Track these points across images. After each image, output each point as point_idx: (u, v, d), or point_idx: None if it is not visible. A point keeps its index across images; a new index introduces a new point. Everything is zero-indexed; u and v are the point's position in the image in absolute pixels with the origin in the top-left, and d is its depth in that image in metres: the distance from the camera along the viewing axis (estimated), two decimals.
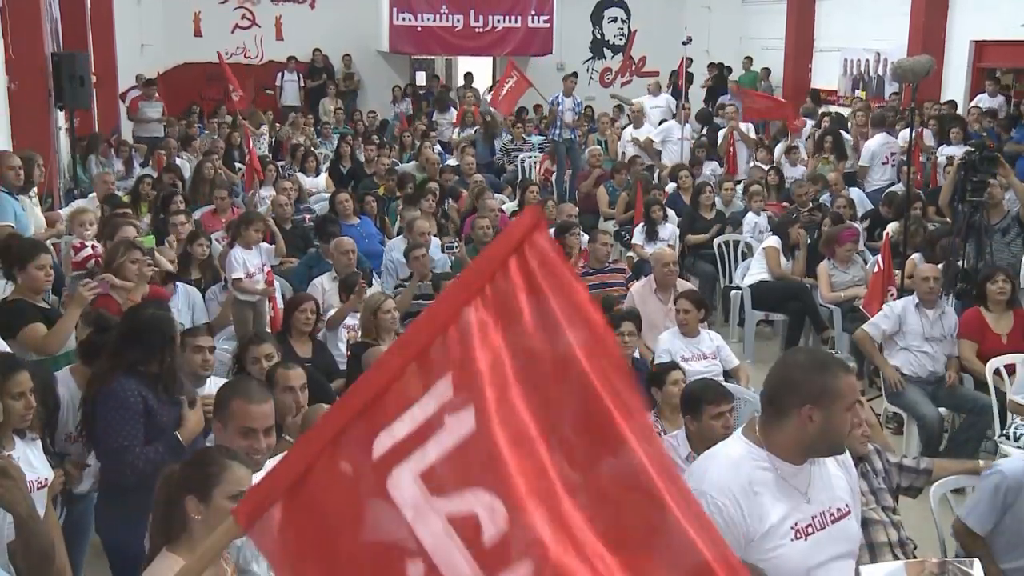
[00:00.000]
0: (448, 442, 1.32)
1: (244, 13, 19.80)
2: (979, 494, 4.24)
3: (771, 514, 2.78)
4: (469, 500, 1.31)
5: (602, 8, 21.64)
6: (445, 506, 1.31)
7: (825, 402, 2.81)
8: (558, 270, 1.38)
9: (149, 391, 4.32)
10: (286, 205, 9.83)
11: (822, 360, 3.02)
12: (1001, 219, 7.68)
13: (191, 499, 3.05)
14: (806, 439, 2.84)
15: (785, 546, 2.78)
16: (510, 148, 15.43)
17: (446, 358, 1.34)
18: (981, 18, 14.70)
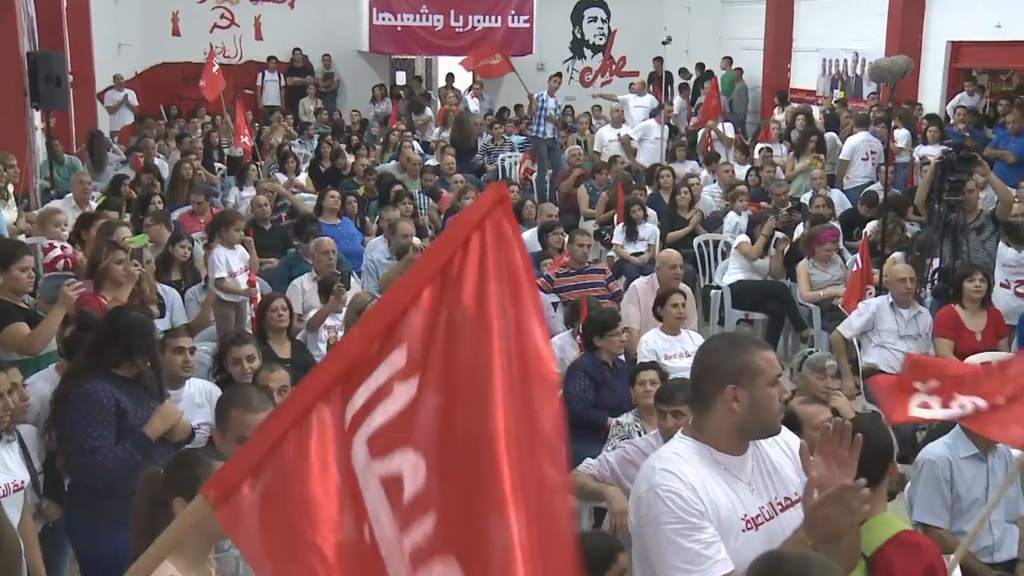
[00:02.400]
0: (392, 408, 1.44)
1: (223, 13, 19.72)
2: (925, 492, 4.47)
3: (720, 503, 2.74)
4: (398, 460, 1.43)
5: (582, 8, 21.67)
6: (380, 468, 1.43)
7: (745, 380, 2.78)
8: (508, 250, 1.48)
9: (123, 394, 4.29)
10: (265, 205, 9.80)
11: (735, 340, 3.05)
12: (976, 218, 7.74)
13: (179, 501, 3.04)
14: (737, 421, 2.80)
15: (738, 538, 2.74)
16: (490, 148, 15.44)
17: (404, 331, 1.44)
18: (957, 19, 14.82)
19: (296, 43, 19.62)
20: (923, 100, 15.15)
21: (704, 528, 2.70)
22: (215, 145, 14.76)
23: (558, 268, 8.39)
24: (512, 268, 1.49)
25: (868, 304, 7.24)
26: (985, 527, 4.64)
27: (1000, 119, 13.14)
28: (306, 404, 1.50)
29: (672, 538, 2.69)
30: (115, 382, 4.31)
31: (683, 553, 2.67)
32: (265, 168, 13.38)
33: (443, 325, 1.46)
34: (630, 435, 5.34)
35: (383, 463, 1.46)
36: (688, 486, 2.74)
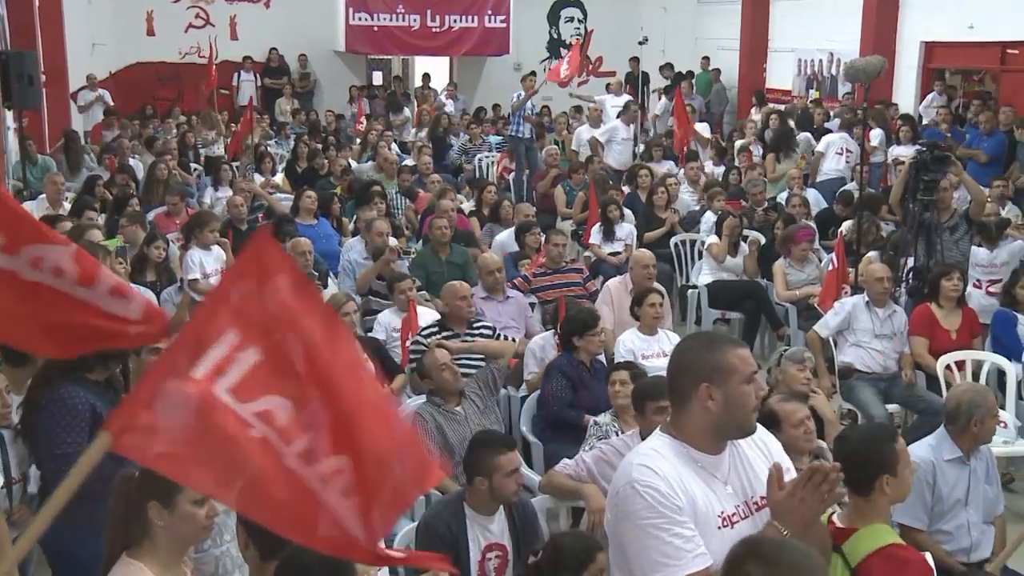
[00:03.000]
0: (242, 369, 1.92)
1: (198, 12, 19.63)
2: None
3: (697, 499, 2.74)
4: (263, 402, 1.92)
5: (558, 8, 21.71)
6: (251, 407, 1.92)
7: (720, 378, 2.78)
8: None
9: (97, 398, 4.26)
10: (242, 206, 9.76)
11: (710, 338, 3.04)
12: (950, 217, 7.80)
13: (154, 505, 3.02)
14: (712, 420, 2.79)
15: (714, 536, 2.74)
16: (468, 148, 15.43)
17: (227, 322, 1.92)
18: (930, 20, 14.94)
19: (272, 43, 19.55)
20: (897, 100, 15.26)
21: (683, 522, 2.70)
22: (191, 145, 14.69)
23: (535, 268, 8.39)
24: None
25: (844, 303, 7.28)
26: (963, 528, 4.67)
27: (972, 119, 13.25)
28: (174, 360, 1.94)
29: (651, 532, 2.69)
30: (88, 387, 4.27)
31: (663, 547, 2.67)
32: (242, 168, 13.34)
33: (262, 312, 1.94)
34: (607, 435, 5.34)
35: (253, 404, 1.92)
36: (666, 481, 2.73)
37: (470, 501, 4.34)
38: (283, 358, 1.94)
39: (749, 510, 2.83)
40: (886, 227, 9.78)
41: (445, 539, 4.19)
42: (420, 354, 6.09)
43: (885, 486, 3.46)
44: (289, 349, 1.95)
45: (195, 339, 1.94)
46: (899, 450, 3.55)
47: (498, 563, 4.32)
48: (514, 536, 4.36)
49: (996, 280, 8.17)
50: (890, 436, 3.62)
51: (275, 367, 1.94)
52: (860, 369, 7.03)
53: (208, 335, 1.93)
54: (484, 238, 10.11)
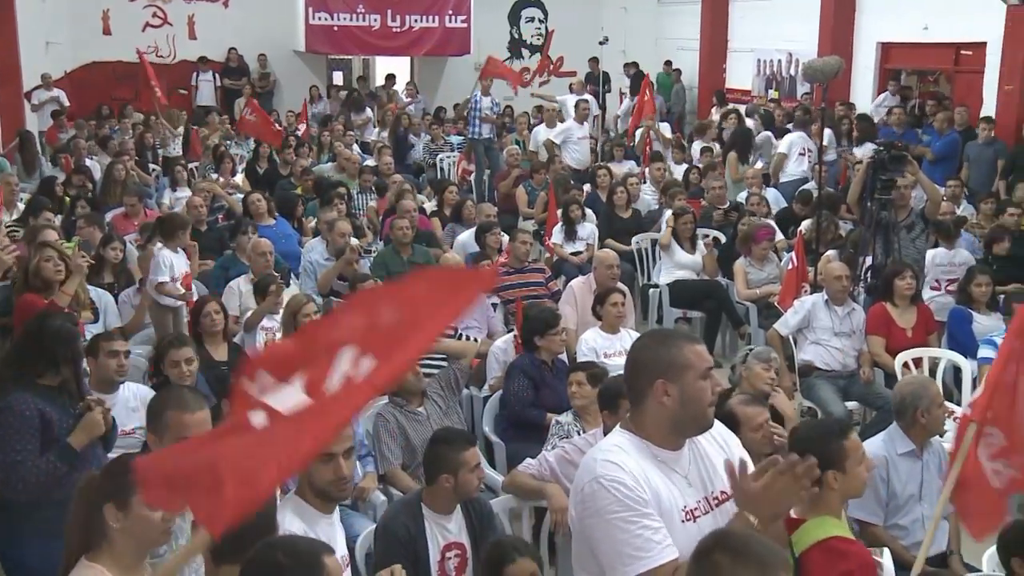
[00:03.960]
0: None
1: (155, 11, 19.41)
2: None
3: (661, 494, 2.76)
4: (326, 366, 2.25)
5: (519, 8, 21.71)
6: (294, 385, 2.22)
7: (674, 374, 2.80)
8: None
9: (48, 404, 4.21)
10: (201, 207, 9.67)
11: (664, 335, 3.06)
12: (907, 216, 7.89)
13: (110, 507, 2.98)
14: (668, 416, 2.81)
15: (677, 529, 2.75)
16: (432, 148, 15.39)
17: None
18: (886, 21, 15.10)
19: (231, 43, 19.39)
20: (855, 100, 15.41)
21: (650, 515, 2.71)
22: (149, 146, 14.54)
23: (497, 268, 8.38)
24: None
25: (804, 302, 7.34)
26: (918, 523, 4.74)
27: (929, 119, 13.41)
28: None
29: (619, 526, 2.70)
30: (39, 392, 4.22)
31: (632, 540, 2.68)
32: (201, 169, 13.23)
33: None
34: (569, 434, 5.35)
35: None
36: (631, 475, 2.75)
37: (428, 501, 4.32)
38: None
39: (710, 505, 2.86)
40: (844, 226, 9.88)
41: (403, 541, 4.18)
42: None
43: (832, 481, 3.51)
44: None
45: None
46: (848, 447, 3.59)
47: (458, 562, 4.31)
48: (472, 534, 4.36)
49: (954, 279, 8.28)
50: (839, 432, 3.66)
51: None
52: (820, 367, 7.10)
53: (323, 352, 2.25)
54: (446, 238, 10.09)
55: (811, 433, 3.79)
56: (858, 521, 4.68)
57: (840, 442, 3.58)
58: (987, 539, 4.07)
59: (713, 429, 2.99)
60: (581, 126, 14.15)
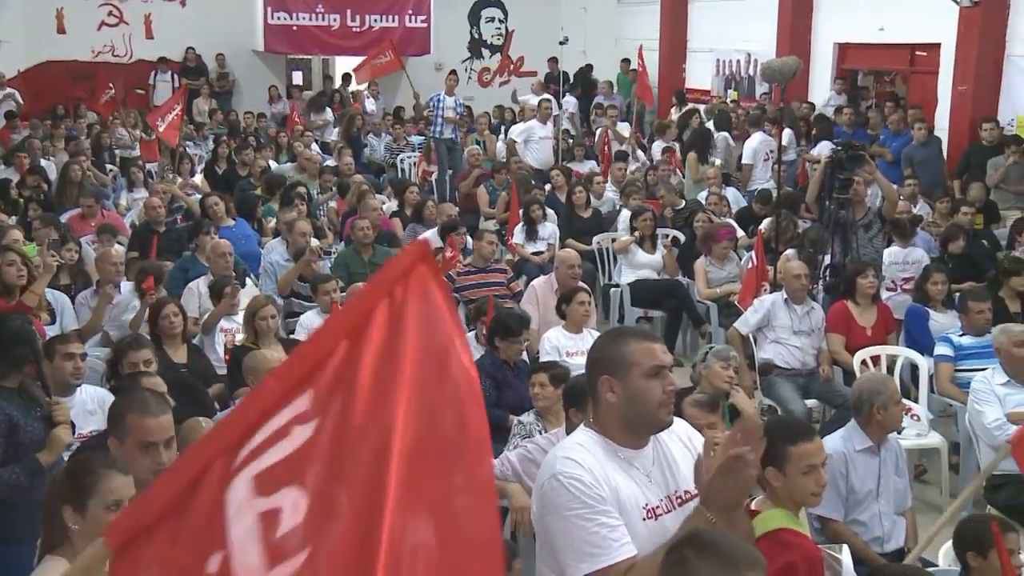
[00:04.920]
0: (287, 449, 1.48)
1: (111, 10, 19.17)
2: None
3: (621, 492, 2.76)
4: (280, 497, 1.47)
5: (479, 8, 21.69)
6: (261, 504, 1.47)
7: (620, 371, 2.80)
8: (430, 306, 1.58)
9: (11, 406, 4.15)
10: (159, 207, 9.58)
11: (616, 332, 3.04)
12: (864, 215, 7.97)
13: (67, 509, 2.97)
14: (617, 413, 2.82)
15: (638, 527, 2.76)
16: (393, 148, 15.35)
17: (312, 379, 1.50)
18: (843, 21, 15.24)
19: (189, 42, 19.20)
20: (813, 100, 15.54)
21: (607, 512, 2.71)
22: (106, 146, 14.37)
23: (459, 267, 8.38)
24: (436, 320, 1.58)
25: (763, 300, 7.40)
26: (876, 518, 4.80)
27: (885, 120, 13.56)
28: (207, 459, 1.53)
29: (576, 523, 2.70)
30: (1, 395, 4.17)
31: (589, 537, 2.69)
32: (160, 170, 13.10)
33: (350, 373, 1.51)
34: (531, 434, 5.35)
35: (266, 500, 1.49)
36: (590, 472, 2.75)
37: None
38: (341, 436, 1.51)
39: (673, 504, 2.86)
40: (803, 225, 9.96)
41: None
42: None
43: (773, 478, 3.54)
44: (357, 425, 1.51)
45: (269, 407, 1.53)
46: (793, 453, 3.54)
47: None
48: None
49: (910, 277, 8.38)
50: (789, 436, 3.60)
51: (322, 450, 1.51)
52: (780, 365, 7.15)
53: (276, 400, 1.53)
54: (407, 238, 10.06)
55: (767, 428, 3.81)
56: (819, 517, 4.73)
57: (785, 445, 3.54)
58: (943, 535, 4.14)
59: (679, 429, 3.00)
60: (543, 126, 14.16)
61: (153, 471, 3.38)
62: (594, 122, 16.92)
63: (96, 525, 2.98)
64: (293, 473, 1.49)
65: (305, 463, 1.49)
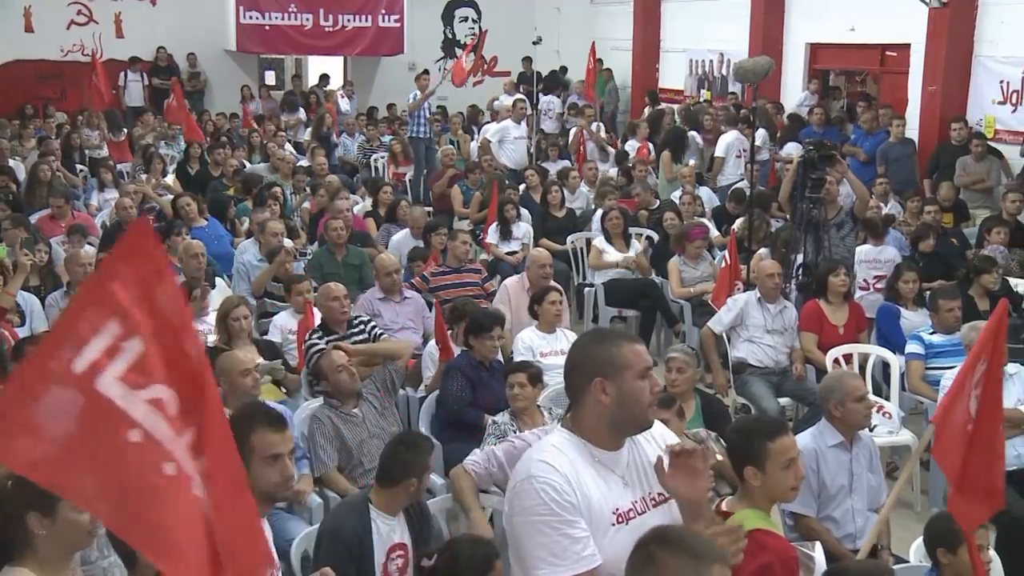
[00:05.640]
0: (131, 357, 1.91)
1: (80, 9, 19.01)
2: None
3: (593, 496, 2.76)
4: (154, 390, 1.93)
5: (452, 8, 21.67)
6: (143, 394, 1.91)
7: (613, 372, 2.80)
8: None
9: None
10: (130, 208, 9.51)
11: (604, 334, 3.06)
12: (836, 214, 8.01)
13: (33, 515, 2.92)
14: (607, 415, 2.82)
15: (607, 533, 2.76)
16: (366, 148, 15.31)
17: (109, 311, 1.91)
18: (815, 22, 15.34)
19: (160, 42, 19.06)
20: (784, 100, 15.64)
21: (574, 522, 2.71)
22: (76, 147, 14.25)
23: (433, 268, 8.37)
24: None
25: (736, 300, 7.43)
26: (849, 515, 4.84)
27: (858, 120, 13.66)
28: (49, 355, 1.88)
29: (541, 529, 2.71)
30: None
31: (551, 545, 2.69)
32: (133, 171, 13.01)
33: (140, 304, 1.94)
34: (506, 434, 5.36)
35: (145, 391, 1.91)
36: (563, 477, 2.75)
37: (379, 503, 4.30)
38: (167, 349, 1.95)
39: (646, 505, 2.86)
40: (776, 224, 10.01)
41: (351, 544, 4.15)
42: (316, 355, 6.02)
43: (752, 477, 3.55)
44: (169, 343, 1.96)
45: (73, 331, 1.89)
46: (772, 448, 3.57)
47: (401, 563, 4.30)
48: (413, 534, 4.36)
49: (882, 276, 8.44)
50: (765, 432, 3.64)
51: (161, 357, 1.94)
52: (753, 364, 7.19)
53: (87, 327, 1.89)
54: (381, 238, 10.04)
55: (740, 427, 3.85)
56: (792, 514, 4.76)
57: (764, 442, 3.57)
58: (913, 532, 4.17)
59: (655, 431, 3.00)
60: (518, 126, 14.17)
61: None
62: (567, 122, 16.95)
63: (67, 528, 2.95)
64: (148, 376, 1.92)
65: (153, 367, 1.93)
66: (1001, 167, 11.61)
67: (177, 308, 2.00)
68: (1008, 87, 12.29)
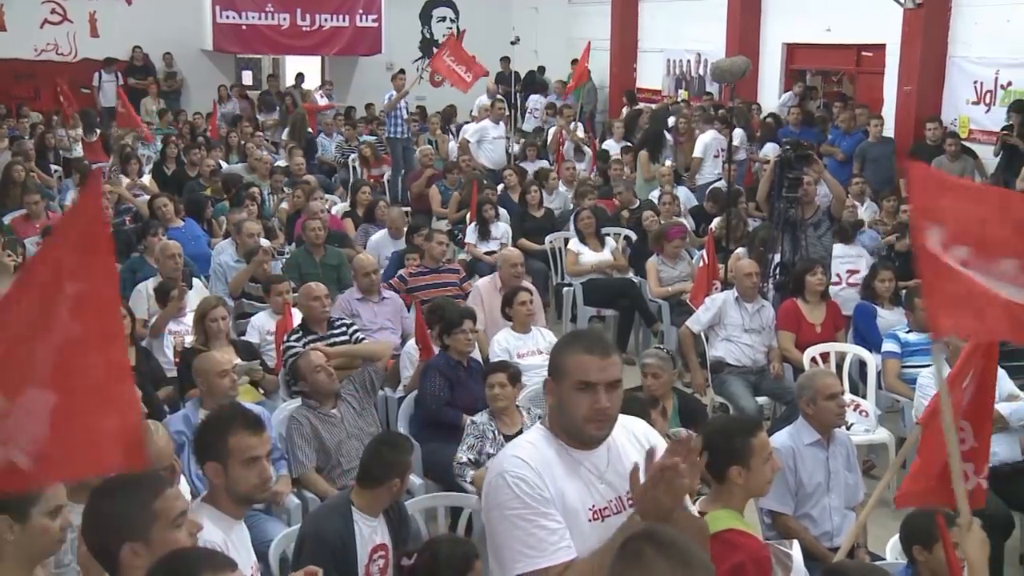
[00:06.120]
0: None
1: (54, 7, 18.85)
2: None
3: (567, 492, 2.76)
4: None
5: (430, 8, 21.65)
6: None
7: (557, 377, 2.82)
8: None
9: None
10: (106, 208, 9.43)
11: (570, 337, 3.02)
12: (813, 214, 8.05)
13: (3, 519, 2.89)
14: (555, 415, 2.85)
15: (583, 529, 2.76)
16: (344, 148, 15.26)
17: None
18: (791, 22, 15.41)
19: (135, 41, 18.93)
20: (761, 100, 15.70)
21: (548, 514, 2.72)
22: (51, 147, 14.14)
23: (411, 268, 8.36)
24: None
25: (714, 299, 7.46)
26: (827, 513, 4.86)
27: (834, 120, 13.73)
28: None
29: (516, 523, 2.71)
30: None
31: (527, 538, 2.69)
32: (110, 172, 12.89)
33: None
34: (484, 434, 5.37)
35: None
36: (536, 472, 2.75)
37: (361, 504, 4.29)
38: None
39: (623, 505, 2.85)
40: (753, 223, 10.05)
41: (335, 547, 4.14)
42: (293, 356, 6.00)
43: (736, 476, 3.58)
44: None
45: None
46: (756, 444, 3.65)
47: (382, 563, 4.31)
48: (392, 535, 4.35)
49: (854, 271, 8.46)
50: (747, 429, 3.72)
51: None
52: (731, 363, 7.22)
53: None
54: (359, 239, 10.01)
55: (720, 428, 3.86)
56: (770, 512, 4.78)
57: (747, 439, 3.64)
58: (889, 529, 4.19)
59: (636, 429, 2.99)
60: (496, 126, 14.17)
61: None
62: (546, 122, 16.96)
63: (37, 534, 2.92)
64: None
65: None
66: (975, 167, 11.70)
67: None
68: (982, 87, 12.38)
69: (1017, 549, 5.54)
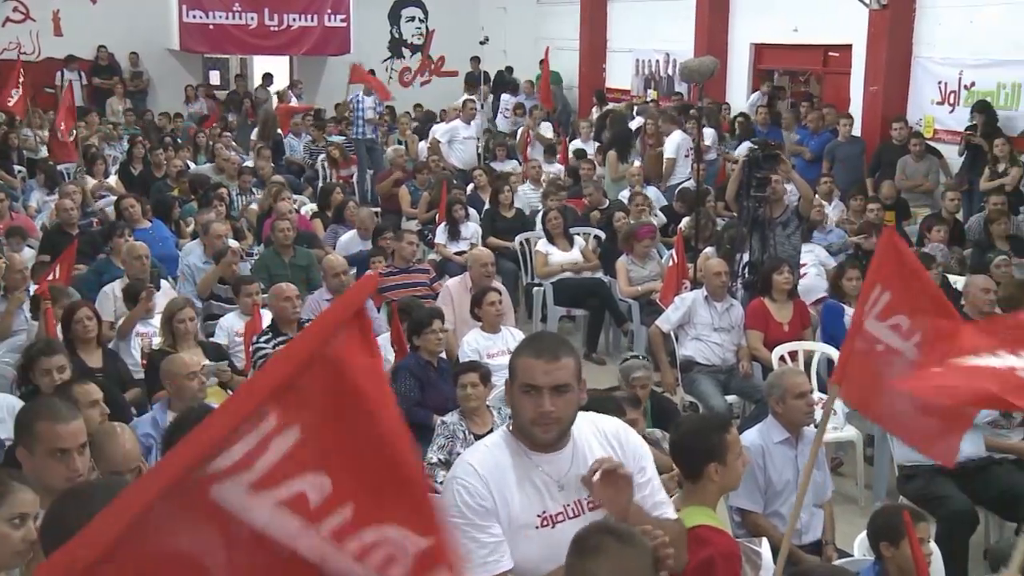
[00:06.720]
0: (273, 457, 1.68)
1: (16, 6, 18.63)
2: None
3: (514, 501, 2.77)
4: (296, 485, 1.69)
5: (399, 8, 21.60)
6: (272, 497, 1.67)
7: (510, 379, 2.84)
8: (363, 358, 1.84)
9: None
10: (72, 210, 9.34)
11: (527, 340, 3.05)
12: (782, 213, 8.09)
13: None
14: (514, 417, 2.89)
15: (529, 535, 2.77)
16: (312, 148, 15.20)
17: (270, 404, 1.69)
18: (759, 22, 15.50)
19: (100, 40, 18.73)
20: (730, 100, 15.78)
21: (484, 527, 2.73)
22: (14, 147, 13.97)
23: (381, 268, 8.34)
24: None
25: (684, 298, 7.49)
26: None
27: (802, 120, 13.82)
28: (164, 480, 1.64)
29: (459, 529, 2.72)
30: None
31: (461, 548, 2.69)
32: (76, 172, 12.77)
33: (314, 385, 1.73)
34: (455, 434, 5.37)
35: (276, 491, 1.68)
36: (482, 480, 2.76)
37: None
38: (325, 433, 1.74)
39: (580, 509, 2.84)
40: (721, 222, 10.09)
41: None
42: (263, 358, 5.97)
43: (714, 474, 3.62)
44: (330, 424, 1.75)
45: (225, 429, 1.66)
46: (730, 440, 3.71)
47: None
48: None
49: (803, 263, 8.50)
50: (720, 426, 3.79)
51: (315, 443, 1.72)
52: (700, 362, 7.25)
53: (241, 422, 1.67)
54: (328, 239, 9.98)
55: (694, 426, 3.90)
56: (739, 510, 4.80)
57: (722, 435, 3.69)
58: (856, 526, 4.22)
59: (608, 428, 2.97)
60: (467, 126, 14.16)
61: (67, 478, 3.29)
62: (515, 122, 16.96)
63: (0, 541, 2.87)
64: (298, 466, 1.69)
65: (305, 456, 1.70)
66: (940, 166, 11.82)
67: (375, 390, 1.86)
68: (946, 88, 12.50)
69: (982, 544, 5.59)
